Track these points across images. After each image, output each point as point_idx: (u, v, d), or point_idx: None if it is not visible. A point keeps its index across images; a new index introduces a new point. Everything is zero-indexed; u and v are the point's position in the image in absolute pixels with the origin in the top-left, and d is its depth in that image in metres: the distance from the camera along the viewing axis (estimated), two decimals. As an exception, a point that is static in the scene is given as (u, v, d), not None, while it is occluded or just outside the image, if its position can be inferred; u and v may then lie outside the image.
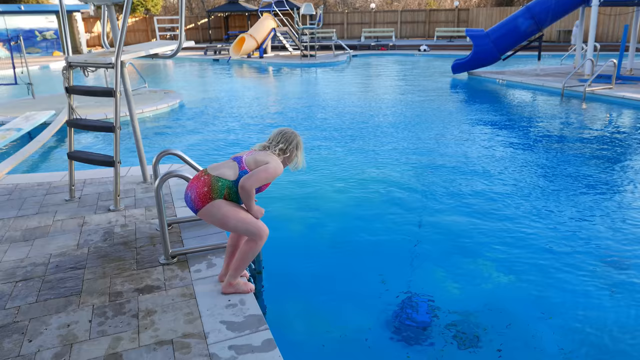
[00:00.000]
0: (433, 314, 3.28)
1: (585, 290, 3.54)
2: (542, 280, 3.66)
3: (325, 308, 3.40)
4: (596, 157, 6.81)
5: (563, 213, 4.89)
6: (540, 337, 3.04)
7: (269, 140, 3.02)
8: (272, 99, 13.04)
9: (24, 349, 2.56)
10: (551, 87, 12.69)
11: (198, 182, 2.83)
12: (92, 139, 8.36)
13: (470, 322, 3.19)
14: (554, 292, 3.52)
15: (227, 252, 3.14)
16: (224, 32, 36.14)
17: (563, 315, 3.25)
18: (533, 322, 3.19)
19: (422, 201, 5.24)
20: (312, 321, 3.27)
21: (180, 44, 4.72)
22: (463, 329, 3.13)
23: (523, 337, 3.05)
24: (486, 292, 3.56)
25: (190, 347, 2.55)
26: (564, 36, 25.50)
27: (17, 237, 3.92)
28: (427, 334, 3.10)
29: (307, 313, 3.36)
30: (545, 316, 3.24)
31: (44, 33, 27.45)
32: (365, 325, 3.19)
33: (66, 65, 4.55)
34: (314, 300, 3.50)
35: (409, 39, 31.60)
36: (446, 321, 3.20)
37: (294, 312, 3.36)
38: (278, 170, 2.86)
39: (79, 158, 4.67)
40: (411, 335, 3.10)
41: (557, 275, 3.73)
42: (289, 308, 3.41)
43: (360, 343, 3.05)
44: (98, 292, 3.09)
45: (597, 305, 3.35)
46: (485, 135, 8.27)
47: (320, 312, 3.36)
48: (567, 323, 3.17)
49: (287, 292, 3.62)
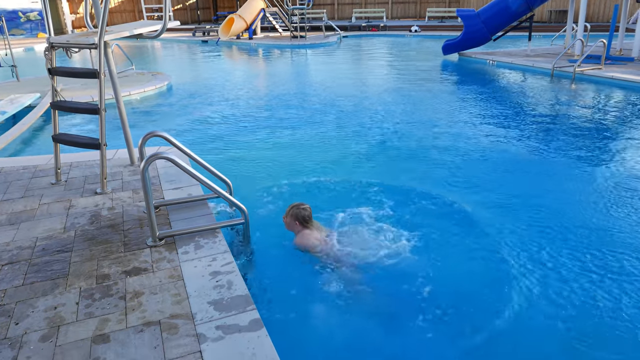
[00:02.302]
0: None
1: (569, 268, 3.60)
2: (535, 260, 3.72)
3: (314, 289, 3.42)
4: (583, 137, 6.86)
5: (551, 190, 4.93)
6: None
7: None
8: (262, 81, 12.92)
9: (11, 332, 2.56)
10: (541, 67, 12.68)
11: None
12: (81, 122, 8.25)
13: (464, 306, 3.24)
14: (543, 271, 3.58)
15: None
16: (212, 13, 35.54)
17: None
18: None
19: (412, 182, 5.26)
20: (301, 303, 3.30)
21: (165, 24, 4.63)
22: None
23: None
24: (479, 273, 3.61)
25: (178, 328, 2.56)
26: (555, 16, 25.41)
27: (3, 220, 3.89)
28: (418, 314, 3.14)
29: (297, 294, 3.38)
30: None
31: (28, 14, 26.83)
32: (355, 308, 3.23)
33: (48, 46, 4.46)
34: (304, 281, 3.52)
35: (400, 19, 31.30)
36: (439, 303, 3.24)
37: (281, 293, 3.38)
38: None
39: (64, 141, 4.61)
40: (399, 314, 3.14)
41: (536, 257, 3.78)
42: (277, 288, 3.43)
43: (348, 324, 3.08)
44: (85, 274, 3.09)
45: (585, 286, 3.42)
46: (473, 116, 8.28)
47: (309, 293, 3.38)
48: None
49: (276, 272, 3.64)
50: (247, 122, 8.12)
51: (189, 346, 2.43)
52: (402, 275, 3.49)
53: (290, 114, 8.66)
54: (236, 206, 3.77)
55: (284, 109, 9.06)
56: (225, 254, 3.31)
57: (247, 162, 6.01)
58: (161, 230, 3.58)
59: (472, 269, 3.68)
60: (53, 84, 4.53)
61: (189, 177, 4.45)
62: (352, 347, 2.92)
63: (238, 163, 6.00)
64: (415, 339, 2.95)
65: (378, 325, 3.09)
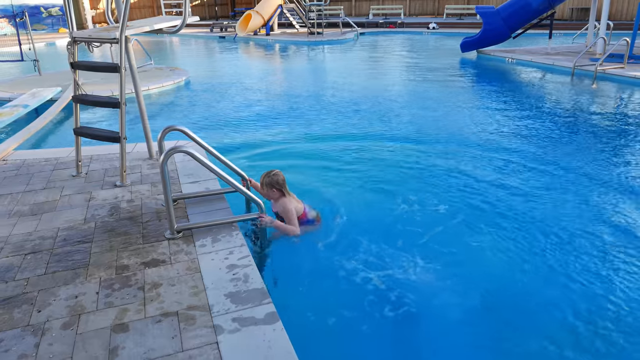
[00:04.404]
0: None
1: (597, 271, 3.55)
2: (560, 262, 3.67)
3: (330, 283, 3.43)
4: (605, 137, 6.73)
5: (570, 191, 4.87)
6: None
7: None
8: (278, 77, 12.95)
9: (34, 319, 2.62)
10: (562, 66, 12.48)
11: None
12: (99, 116, 8.37)
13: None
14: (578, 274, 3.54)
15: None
16: (230, 9, 35.72)
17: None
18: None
19: (429, 179, 5.23)
20: (316, 297, 3.31)
21: (185, 20, 4.68)
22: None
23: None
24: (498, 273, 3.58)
25: (195, 319, 2.60)
26: (577, 14, 24.95)
27: (26, 211, 3.98)
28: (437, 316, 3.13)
29: (312, 288, 3.40)
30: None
31: (50, 9, 27.29)
32: (369, 303, 3.23)
33: (71, 40, 4.54)
34: (319, 275, 3.54)
35: (418, 16, 31.06)
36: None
37: (297, 286, 3.40)
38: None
39: (85, 134, 4.69)
40: (417, 315, 3.13)
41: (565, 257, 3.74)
42: (293, 282, 3.45)
43: (363, 321, 3.09)
44: (105, 265, 3.15)
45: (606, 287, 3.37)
46: (492, 115, 8.19)
47: (325, 288, 3.40)
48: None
49: (292, 267, 3.65)
50: (264, 118, 8.16)
51: (206, 337, 2.46)
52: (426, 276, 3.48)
53: (307, 109, 8.67)
54: (253, 200, 3.80)
55: (300, 104, 9.08)
56: (242, 248, 3.34)
57: (264, 157, 6.04)
58: (179, 223, 3.63)
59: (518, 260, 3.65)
60: (75, 77, 4.61)
61: (207, 171, 4.50)
62: (367, 345, 2.92)
63: (255, 157, 6.03)
64: (431, 335, 2.95)
65: (394, 321, 3.09)
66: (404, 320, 3.08)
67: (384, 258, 3.64)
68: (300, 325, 2.94)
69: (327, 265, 3.61)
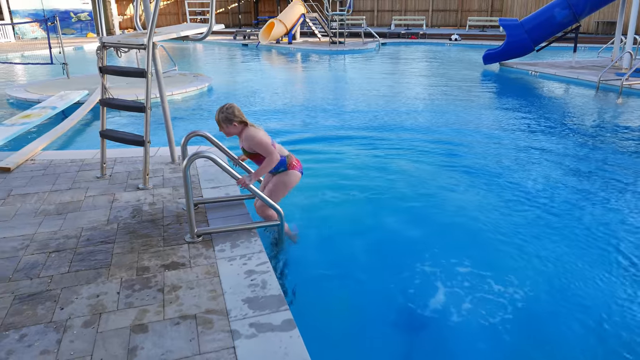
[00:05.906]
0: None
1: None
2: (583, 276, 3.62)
3: (346, 292, 3.43)
4: (630, 154, 6.60)
5: (596, 207, 4.78)
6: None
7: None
8: (300, 85, 13.04)
9: (56, 316, 2.69)
10: (586, 80, 12.29)
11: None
12: (123, 119, 8.55)
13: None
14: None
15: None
16: (253, 17, 36.18)
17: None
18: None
19: (451, 192, 5.20)
20: (332, 305, 3.31)
21: (211, 27, 4.77)
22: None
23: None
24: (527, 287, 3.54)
25: (213, 323, 2.63)
26: (603, 28, 24.59)
27: (51, 210, 4.08)
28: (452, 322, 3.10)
29: (328, 296, 3.40)
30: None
31: (79, 14, 28.03)
32: (386, 311, 3.22)
33: (100, 45, 4.66)
34: (336, 284, 3.54)
35: (440, 27, 31.01)
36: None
37: (315, 295, 3.41)
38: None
39: (110, 137, 4.80)
40: (431, 322, 3.11)
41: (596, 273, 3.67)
42: (310, 291, 3.46)
43: (380, 331, 3.08)
44: (126, 266, 3.21)
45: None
46: (514, 129, 8.10)
47: (341, 297, 3.40)
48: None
49: (309, 274, 3.66)
50: (285, 126, 8.22)
51: (223, 341, 2.48)
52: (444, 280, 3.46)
53: (326, 119, 8.71)
54: (272, 207, 3.83)
55: (321, 114, 9.12)
56: (261, 254, 3.36)
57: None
58: (199, 227, 3.68)
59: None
60: (103, 81, 4.73)
61: (227, 177, 4.56)
62: (383, 356, 2.91)
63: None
64: (445, 338, 2.92)
65: (411, 332, 3.07)
66: (421, 330, 3.06)
67: (404, 269, 3.63)
68: (317, 333, 2.94)
69: (344, 274, 3.62)
